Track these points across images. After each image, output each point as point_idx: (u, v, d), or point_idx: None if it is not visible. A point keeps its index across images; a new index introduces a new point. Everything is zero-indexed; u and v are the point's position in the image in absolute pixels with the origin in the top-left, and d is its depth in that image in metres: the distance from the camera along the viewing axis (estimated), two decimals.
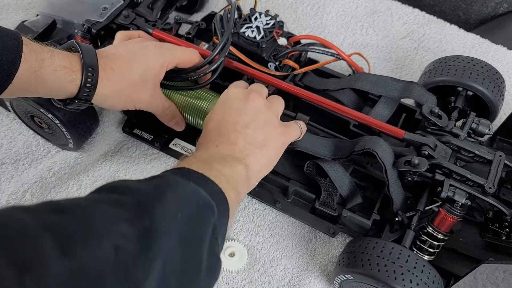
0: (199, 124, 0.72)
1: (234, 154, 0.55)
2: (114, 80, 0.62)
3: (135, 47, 0.67)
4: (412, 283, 0.56)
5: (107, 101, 0.64)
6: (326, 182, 0.69)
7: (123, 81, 0.63)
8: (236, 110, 0.60)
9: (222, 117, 0.60)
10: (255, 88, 0.65)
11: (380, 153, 0.64)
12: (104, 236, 0.33)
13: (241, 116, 0.59)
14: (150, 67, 0.65)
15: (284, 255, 0.72)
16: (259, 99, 0.62)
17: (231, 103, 0.61)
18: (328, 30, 0.98)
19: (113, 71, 0.62)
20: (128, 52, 0.65)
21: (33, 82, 0.57)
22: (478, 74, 0.72)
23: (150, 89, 0.66)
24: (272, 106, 0.63)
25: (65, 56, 0.59)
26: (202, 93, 0.72)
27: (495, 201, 0.62)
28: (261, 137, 0.59)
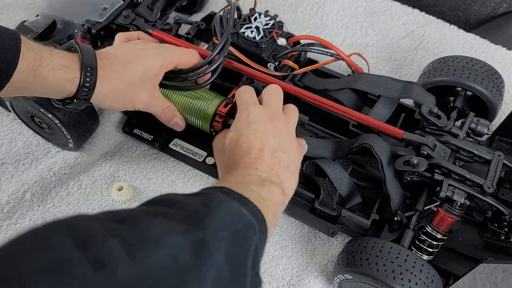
0: (199, 124, 0.72)
1: (271, 178, 0.55)
2: (112, 80, 0.62)
3: (135, 48, 0.67)
4: (411, 282, 0.56)
5: (105, 101, 0.64)
6: (325, 182, 0.69)
7: (121, 81, 0.63)
8: (264, 133, 0.59)
9: (252, 141, 0.58)
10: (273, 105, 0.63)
11: (377, 149, 0.64)
12: (163, 245, 0.35)
13: (270, 140, 0.58)
14: (149, 68, 0.65)
15: (284, 255, 0.72)
16: (280, 120, 0.61)
17: (256, 126, 0.59)
18: (328, 30, 0.98)
19: (112, 71, 0.62)
20: (127, 53, 0.65)
21: (32, 80, 0.57)
22: (477, 74, 0.72)
23: (149, 90, 0.67)
24: (289, 122, 0.63)
25: (64, 55, 0.59)
26: (202, 93, 0.72)
27: (494, 201, 0.63)
28: (291, 161, 0.59)
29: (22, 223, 0.73)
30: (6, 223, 0.72)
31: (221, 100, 0.71)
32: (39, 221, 0.73)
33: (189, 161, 0.77)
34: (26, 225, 0.72)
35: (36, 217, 0.73)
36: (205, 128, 0.72)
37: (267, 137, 0.58)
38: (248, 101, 0.63)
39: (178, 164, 0.79)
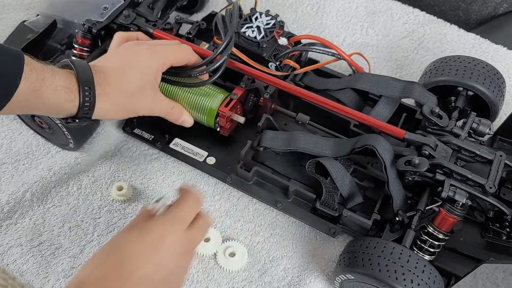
0: (204, 119, 0.74)
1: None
2: (112, 93, 0.62)
3: (126, 54, 0.66)
4: (413, 283, 0.56)
5: (108, 115, 0.64)
6: (327, 181, 0.69)
7: (120, 94, 0.63)
8: (161, 266, 0.50)
9: (139, 266, 0.48)
10: (198, 239, 0.55)
11: (380, 150, 0.64)
12: None
13: (158, 275, 0.49)
14: (144, 73, 0.65)
15: (285, 255, 0.72)
16: (186, 263, 0.54)
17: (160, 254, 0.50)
18: (328, 30, 0.98)
19: (109, 85, 0.62)
20: (120, 62, 0.65)
21: (33, 100, 0.57)
22: (478, 74, 0.72)
23: (150, 94, 0.66)
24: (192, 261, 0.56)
25: (64, 75, 0.59)
26: (207, 89, 0.73)
27: (496, 201, 0.62)
28: None
29: (22, 223, 0.73)
30: (6, 223, 0.72)
31: (225, 95, 0.72)
32: (39, 221, 0.73)
33: (190, 161, 0.77)
34: (26, 225, 0.72)
35: (36, 216, 0.73)
36: (210, 124, 0.74)
37: (156, 274, 0.49)
38: (182, 219, 0.53)
39: (179, 164, 0.79)
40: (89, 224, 0.73)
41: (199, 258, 0.71)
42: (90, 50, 0.79)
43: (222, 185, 0.77)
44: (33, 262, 0.69)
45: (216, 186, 0.77)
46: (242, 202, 0.76)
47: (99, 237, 0.72)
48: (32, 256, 0.70)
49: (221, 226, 0.74)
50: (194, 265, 0.70)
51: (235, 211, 0.75)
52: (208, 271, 0.70)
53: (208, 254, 0.71)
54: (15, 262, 0.69)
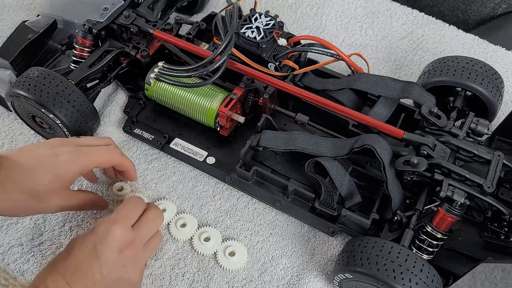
0: (204, 119, 0.74)
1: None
2: (12, 192, 0.59)
3: (43, 154, 0.62)
4: (411, 282, 0.57)
5: (6, 213, 0.61)
6: (326, 181, 0.70)
7: (22, 193, 0.60)
8: (101, 263, 0.55)
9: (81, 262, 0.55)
10: (143, 234, 0.61)
11: (379, 150, 0.65)
12: None
13: (100, 272, 0.55)
14: (60, 175, 0.62)
15: (284, 254, 0.72)
16: (133, 252, 0.59)
17: (101, 250, 0.56)
18: (328, 31, 0.98)
19: (13, 183, 0.58)
20: (33, 160, 0.61)
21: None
22: (477, 74, 0.72)
23: (61, 194, 0.63)
24: (143, 255, 0.61)
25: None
26: (206, 89, 0.74)
27: (494, 201, 0.63)
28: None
29: (23, 222, 0.73)
30: (7, 223, 0.72)
31: (225, 95, 0.73)
32: (39, 221, 0.73)
33: (190, 161, 0.77)
34: (27, 225, 0.72)
35: (36, 216, 0.73)
36: (210, 123, 0.75)
37: (98, 271, 0.55)
38: (123, 217, 0.60)
39: (179, 164, 0.79)
40: (90, 224, 0.73)
41: (199, 257, 0.71)
42: (90, 51, 0.79)
43: (222, 185, 0.77)
44: (33, 262, 0.70)
45: (216, 186, 0.77)
46: (242, 202, 0.76)
47: None
48: (32, 256, 0.70)
49: (220, 225, 0.74)
50: (194, 265, 0.71)
51: (235, 210, 0.75)
52: (208, 271, 0.70)
53: (208, 253, 0.71)
54: (16, 262, 0.69)
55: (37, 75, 0.72)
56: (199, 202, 0.76)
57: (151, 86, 0.77)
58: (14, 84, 0.72)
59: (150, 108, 0.82)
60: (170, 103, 0.77)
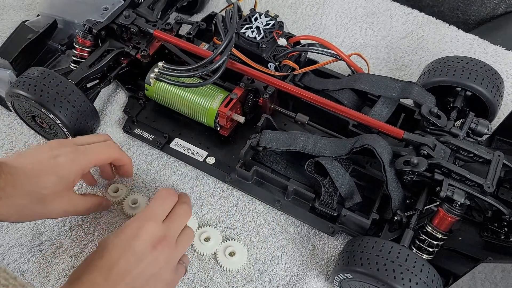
0: (204, 119, 0.74)
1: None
2: (16, 197, 0.58)
3: (43, 157, 0.61)
4: (411, 282, 0.57)
5: (11, 219, 0.60)
6: (326, 181, 0.70)
7: (28, 198, 0.59)
8: (137, 258, 0.55)
9: (119, 259, 0.55)
10: (173, 230, 0.61)
11: (379, 150, 0.65)
12: None
13: (138, 267, 0.55)
14: (62, 177, 0.61)
15: (284, 254, 0.72)
16: (166, 249, 0.58)
17: (136, 246, 0.56)
18: (328, 31, 0.98)
19: (15, 188, 0.57)
20: (35, 163, 0.60)
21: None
22: (477, 74, 0.72)
23: (65, 197, 0.63)
24: (176, 252, 0.60)
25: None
26: (206, 89, 0.74)
27: (494, 201, 0.63)
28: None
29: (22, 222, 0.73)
30: (7, 223, 0.72)
31: (225, 95, 0.73)
32: (39, 221, 0.73)
33: (190, 160, 0.77)
34: (27, 225, 0.72)
35: None
36: (210, 123, 0.75)
37: (137, 265, 0.55)
38: (154, 213, 0.60)
39: (179, 164, 0.79)
40: (90, 223, 0.73)
41: (199, 257, 0.71)
42: (90, 51, 0.79)
43: (222, 185, 0.77)
44: (33, 262, 0.70)
45: (216, 186, 0.77)
46: (242, 202, 0.76)
47: (100, 237, 0.72)
48: (32, 256, 0.70)
49: (221, 225, 0.74)
50: (194, 265, 0.71)
51: (235, 210, 0.75)
52: (208, 271, 0.70)
53: (208, 253, 0.71)
54: (16, 262, 0.69)
55: (37, 75, 0.72)
56: (199, 202, 0.76)
57: (151, 86, 0.77)
58: (14, 84, 0.72)
59: (150, 108, 0.82)
60: (170, 103, 0.77)
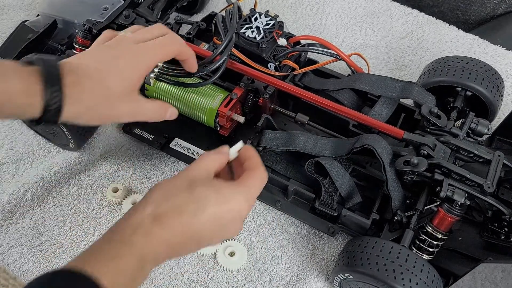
0: (204, 119, 0.74)
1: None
2: (84, 97, 0.55)
3: (106, 57, 0.59)
4: (411, 282, 0.57)
5: (79, 120, 0.57)
6: (326, 181, 0.70)
7: (95, 97, 0.56)
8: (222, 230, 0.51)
9: (221, 231, 0.51)
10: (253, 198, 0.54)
11: (379, 150, 0.65)
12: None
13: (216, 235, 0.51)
14: (126, 78, 0.58)
15: (284, 254, 0.72)
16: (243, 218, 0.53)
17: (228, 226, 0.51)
18: (328, 31, 0.98)
19: (82, 88, 0.55)
20: (98, 63, 0.58)
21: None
22: (477, 74, 0.72)
23: (131, 100, 0.60)
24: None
25: (21, 78, 0.52)
26: (206, 89, 0.74)
27: (494, 201, 0.63)
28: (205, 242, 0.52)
29: (22, 222, 0.73)
30: (7, 223, 0.72)
31: (225, 95, 0.73)
32: (39, 221, 0.73)
33: (190, 160, 0.77)
34: (27, 225, 0.72)
35: (36, 216, 0.73)
36: (210, 123, 0.74)
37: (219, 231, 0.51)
38: (253, 197, 0.54)
39: (179, 163, 0.79)
40: (90, 224, 0.73)
41: (199, 257, 0.71)
42: None
43: None
44: (33, 262, 0.70)
45: None
46: None
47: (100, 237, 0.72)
48: (32, 256, 0.70)
49: None
50: (194, 265, 0.71)
51: None
52: (208, 271, 0.70)
53: (208, 253, 0.71)
54: (16, 262, 0.69)
55: None
56: None
57: (151, 86, 0.76)
58: None
59: None
60: (170, 103, 0.77)
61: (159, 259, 0.47)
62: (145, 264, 0.45)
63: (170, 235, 0.47)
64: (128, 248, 0.45)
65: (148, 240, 0.46)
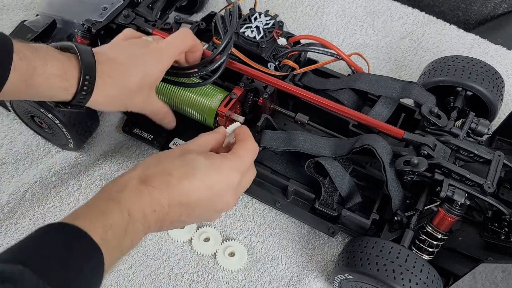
0: (203, 119, 0.74)
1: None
2: (110, 87, 0.60)
3: (135, 52, 0.64)
4: (411, 282, 0.56)
5: (98, 106, 0.62)
6: (326, 181, 0.69)
7: (117, 88, 0.61)
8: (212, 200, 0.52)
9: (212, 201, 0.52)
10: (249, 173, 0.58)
11: (379, 150, 0.64)
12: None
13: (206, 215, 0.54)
14: (148, 74, 0.63)
15: (284, 255, 0.72)
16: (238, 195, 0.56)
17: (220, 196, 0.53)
18: (328, 30, 0.98)
19: (111, 78, 0.60)
20: (127, 58, 0.62)
21: (24, 90, 0.55)
22: (477, 74, 0.72)
23: (145, 94, 0.65)
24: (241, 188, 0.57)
25: (59, 62, 0.57)
26: (206, 89, 0.74)
27: (494, 201, 0.62)
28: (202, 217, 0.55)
29: (22, 223, 0.73)
30: (6, 223, 0.72)
31: (225, 95, 0.72)
32: (39, 221, 0.73)
33: None
34: (26, 225, 0.72)
35: (36, 216, 0.73)
36: (209, 123, 0.74)
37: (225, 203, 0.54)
38: (249, 161, 0.57)
39: None
40: None
41: (199, 258, 0.71)
42: None
43: None
44: None
45: None
46: (242, 202, 0.76)
47: None
48: None
49: (220, 226, 0.74)
50: (194, 265, 0.71)
51: (235, 211, 0.75)
52: (208, 271, 0.70)
53: (208, 254, 0.71)
54: None
55: None
56: None
57: None
58: None
59: None
60: (169, 102, 0.77)
61: (149, 221, 0.48)
62: (134, 223, 0.46)
63: (158, 196, 0.48)
64: (116, 204, 0.46)
65: (135, 198, 0.47)
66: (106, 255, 0.42)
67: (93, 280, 0.42)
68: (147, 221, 0.47)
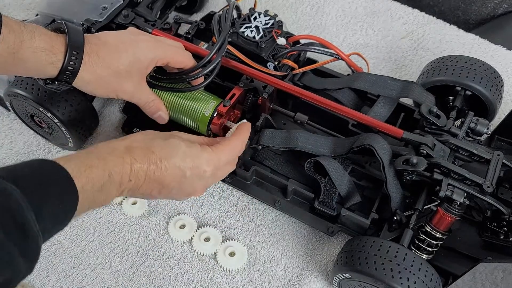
0: (196, 126, 0.72)
1: None
2: (97, 66, 0.61)
3: (127, 38, 0.66)
4: (410, 281, 0.57)
5: (88, 87, 0.63)
6: (325, 181, 0.70)
7: (107, 69, 0.62)
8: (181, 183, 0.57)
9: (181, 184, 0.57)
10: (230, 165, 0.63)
11: (378, 149, 0.65)
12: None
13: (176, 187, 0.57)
14: (138, 59, 0.64)
15: (284, 255, 0.72)
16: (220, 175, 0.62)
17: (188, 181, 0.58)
18: (328, 30, 0.98)
19: (98, 58, 0.61)
20: (118, 41, 0.64)
21: (11, 62, 0.57)
22: (476, 73, 0.72)
23: (135, 81, 0.65)
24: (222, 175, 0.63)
25: (47, 37, 0.58)
26: (198, 94, 0.72)
27: (493, 200, 0.62)
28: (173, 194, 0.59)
29: None
30: None
31: (218, 102, 0.71)
32: None
33: None
34: None
35: None
36: (202, 131, 0.72)
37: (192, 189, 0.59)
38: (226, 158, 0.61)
39: None
40: (90, 224, 0.73)
41: (199, 257, 0.71)
42: None
43: (222, 185, 0.77)
44: None
45: (216, 186, 0.77)
46: (242, 202, 0.76)
47: (100, 237, 0.73)
48: None
49: (221, 225, 0.74)
50: (194, 265, 0.71)
51: (235, 210, 0.75)
52: (208, 271, 0.70)
53: (208, 253, 0.71)
54: None
55: None
56: (199, 202, 0.76)
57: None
58: (12, 83, 0.72)
59: None
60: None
61: (124, 187, 0.52)
62: (110, 184, 0.50)
63: (137, 168, 0.53)
64: (102, 163, 0.50)
65: (119, 163, 0.51)
66: (79, 203, 0.46)
67: (64, 222, 0.46)
68: (122, 186, 0.52)
